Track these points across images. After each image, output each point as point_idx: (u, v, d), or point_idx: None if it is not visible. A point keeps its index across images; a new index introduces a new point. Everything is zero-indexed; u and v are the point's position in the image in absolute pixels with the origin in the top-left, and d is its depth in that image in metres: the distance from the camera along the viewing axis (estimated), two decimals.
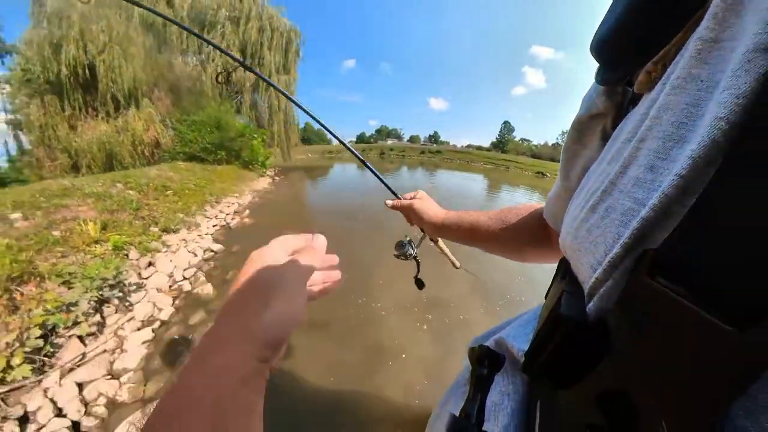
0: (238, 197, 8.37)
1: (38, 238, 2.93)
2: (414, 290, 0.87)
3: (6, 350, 1.85)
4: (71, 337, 2.17)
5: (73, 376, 1.91)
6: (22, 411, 1.66)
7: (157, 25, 11.99)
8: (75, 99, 10.05)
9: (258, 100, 15.56)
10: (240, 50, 14.31)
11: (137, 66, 10.70)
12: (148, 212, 4.93)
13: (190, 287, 3.14)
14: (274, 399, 1.78)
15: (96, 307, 2.53)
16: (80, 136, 9.57)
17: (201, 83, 13.12)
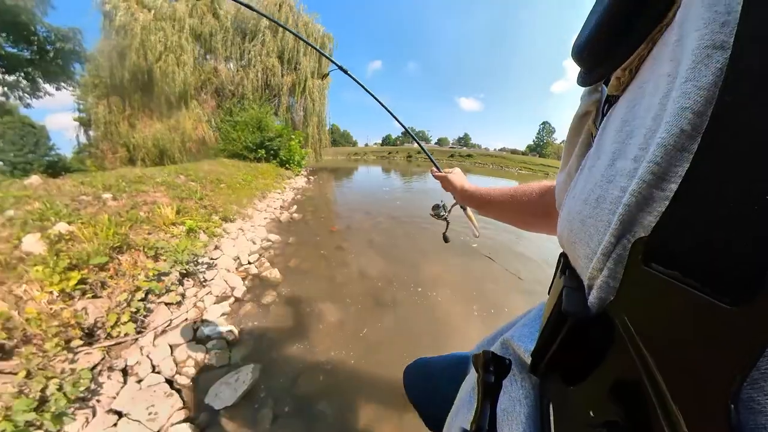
0: (280, 193, 8.79)
1: (129, 216, 3.24)
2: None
3: (117, 308, 2.11)
4: (160, 304, 2.42)
5: (164, 339, 2.10)
6: (123, 364, 1.87)
7: (205, 35, 13.25)
8: (135, 100, 11.39)
9: (294, 103, 16.23)
10: (278, 56, 15.20)
11: (188, 71, 11.90)
12: (209, 202, 5.23)
13: (257, 270, 3.36)
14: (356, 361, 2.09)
15: (180, 279, 2.79)
16: (138, 133, 10.84)
17: (243, 87, 13.92)
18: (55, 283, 2.00)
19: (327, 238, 4.83)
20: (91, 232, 2.65)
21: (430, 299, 2.93)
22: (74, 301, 2.08)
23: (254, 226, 5.08)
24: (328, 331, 2.42)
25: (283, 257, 3.87)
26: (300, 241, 4.59)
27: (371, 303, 2.80)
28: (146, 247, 2.81)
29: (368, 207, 7.63)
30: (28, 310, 1.81)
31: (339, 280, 3.29)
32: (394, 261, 3.82)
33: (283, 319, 2.64)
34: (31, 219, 2.68)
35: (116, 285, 2.25)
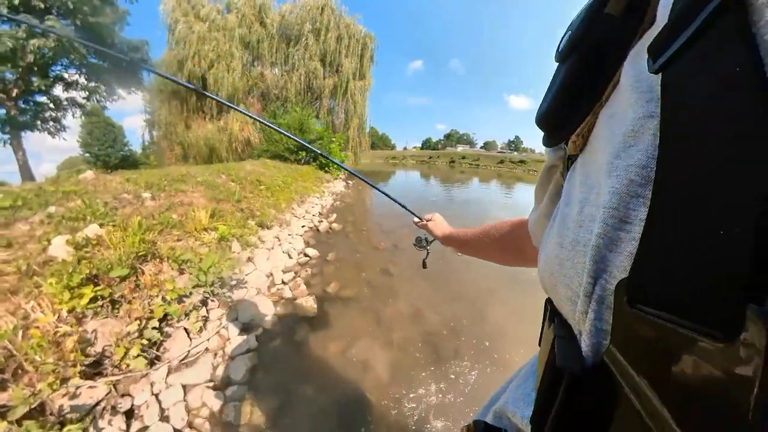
0: (319, 198, 8.83)
1: (161, 219, 3.21)
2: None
3: (126, 339, 1.86)
4: (179, 328, 2.20)
5: (179, 376, 1.90)
6: (130, 404, 1.67)
7: (252, 43, 14.32)
8: (190, 104, 12.82)
9: (335, 105, 16.58)
10: (320, 59, 15.66)
11: (236, 77, 13.09)
12: (247, 205, 5.15)
13: (291, 294, 3.11)
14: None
15: (203, 300, 2.57)
16: (192, 133, 12.13)
17: (286, 90, 14.66)
18: (65, 301, 1.78)
19: (371, 257, 4.42)
20: (119, 238, 2.51)
21: (502, 362, 2.38)
22: (86, 320, 1.85)
23: (291, 235, 4.91)
24: (373, 388, 2.01)
25: (321, 278, 3.59)
26: (340, 257, 4.28)
27: (428, 355, 2.37)
28: (171, 258, 2.67)
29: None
30: (33, 332, 1.56)
31: (386, 316, 2.86)
32: (453, 297, 3.25)
33: (317, 365, 2.20)
34: (68, 218, 2.63)
35: (131, 308, 2.00)
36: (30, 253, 2.13)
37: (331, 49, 15.61)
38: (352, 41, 16.18)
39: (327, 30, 15.44)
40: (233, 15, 13.83)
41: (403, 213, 1.07)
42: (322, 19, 15.37)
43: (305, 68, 15.06)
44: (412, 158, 54.13)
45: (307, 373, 2.12)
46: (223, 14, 13.74)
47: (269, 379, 2.03)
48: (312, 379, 2.06)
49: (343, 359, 2.25)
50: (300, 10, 15.23)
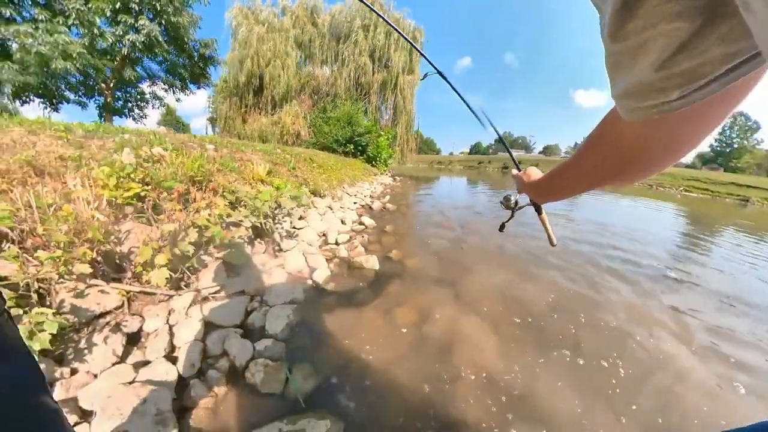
0: (369, 185, 8.84)
1: (222, 161, 3.29)
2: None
3: (157, 242, 1.60)
4: (218, 261, 1.95)
5: (204, 309, 1.58)
6: (137, 327, 1.37)
7: (305, 42, 15.39)
8: (248, 100, 14.10)
9: (383, 102, 16.73)
10: (369, 55, 16.03)
11: (290, 74, 14.03)
12: (300, 174, 5.23)
13: (347, 254, 2.91)
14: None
15: (250, 238, 2.43)
16: (248, 126, 13.31)
17: (336, 86, 15.31)
18: (110, 187, 1.56)
19: (435, 233, 4.09)
20: (180, 161, 2.42)
21: (645, 350, 1.74)
22: (124, 220, 1.64)
23: (344, 208, 4.88)
24: (463, 374, 1.45)
25: (381, 246, 3.36)
26: (400, 231, 4.04)
27: (536, 340, 1.77)
28: (227, 189, 2.57)
29: (467, 218, 6.34)
30: (65, 207, 1.32)
31: (466, 290, 2.34)
32: (547, 279, 2.66)
33: (380, 336, 1.68)
34: (138, 142, 2.64)
35: (171, 213, 1.74)
36: (94, 152, 2.04)
37: (380, 44, 15.88)
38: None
39: (376, 25, 15.80)
40: (288, 17, 15.12)
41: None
42: (371, 15, 15.91)
43: (354, 64, 15.53)
44: (459, 163, 51.82)
45: (365, 344, 1.60)
46: (279, 17, 15.10)
47: (313, 341, 1.63)
48: (372, 351, 1.55)
49: (416, 332, 1.75)
50: (349, 8, 15.94)
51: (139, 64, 9.43)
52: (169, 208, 1.74)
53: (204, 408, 1.10)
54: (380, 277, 2.44)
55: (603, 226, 5.15)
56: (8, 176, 1.38)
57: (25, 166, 1.50)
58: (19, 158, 1.51)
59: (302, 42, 15.31)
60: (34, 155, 1.62)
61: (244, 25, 13.62)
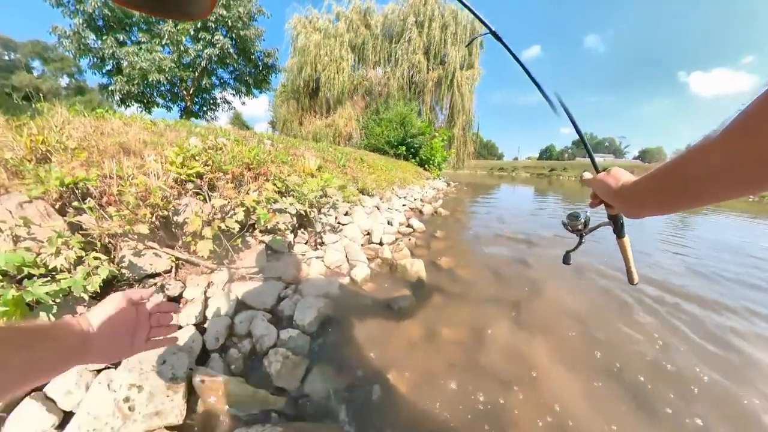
0: (420, 188, 8.75)
1: (276, 154, 3.65)
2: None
3: (207, 215, 1.81)
4: (261, 244, 2.12)
5: (238, 289, 1.70)
6: (179, 292, 1.55)
7: (358, 45, 16.34)
8: (304, 103, 15.58)
9: (438, 101, 16.67)
10: (424, 52, 16.17)
11: (345, 77, 15.05)
12: (350, 172, 5.42)
13: (391, 255, 2.86)
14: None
15: (294, 226, 2.58)
16: (304, 129, 14.64)
17: (389, 87, 15.85)
18: (177, 164, 1.83)
19: (494, 243, 3.73)
20: (238, 150, 2.71)
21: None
22: (184, 195, 1.87)
23: (391, 209, 4.95)
24: (547, 407, 1.23)
25: (429, 252, 3.25)
26: (452, 237, 3.88)
27: (626, 391, 1.37)
28: (277, 177, 2.77)
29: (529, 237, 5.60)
30: (138, 177, 1.57)
31: (529, 314, 1.99)
32: (654, 326, 1.95)
33: (419, 350, 1.53)
34: (204, 133, 3.12)
35: (223, 190, 1.97)
36: (170, 139, 2.43)
37: (436, 39, 15.92)
38: (459, 28, 16.05)
39: (431, 20, 15.93)
40: (342, 22, 16.30)
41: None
42: (425, 11, 16.02)
43: (408, 62, 15.88)
44: (525, 170, 47.73)
45: (399, 357, 1.46)
46: (334, 23, 16.39)
47: (340, 342, 1.57)
48: (405, 368, 1.40)
49: (463, 354, 1.54)
50: (402, 6, 16.42)
51: (214, 74, 11.30)
52: (221, 186, 1.96)
53: (215, 385, 1.13)
54: (425, 284, 2.31)
55: (733, 250, 4.05)
56: (104, 153, 1.68)
57: (117, 146, 1.82)
58: (113, 140, 1.84)
59: (356, 45, 16.36)
60: (126, 140, 1.96)
61: (302, 33, 15.20)
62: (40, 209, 1.21)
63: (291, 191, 2.70)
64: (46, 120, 1.75)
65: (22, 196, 1.20)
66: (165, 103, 11.00)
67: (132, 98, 10.02)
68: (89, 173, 1.42)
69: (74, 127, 1.87)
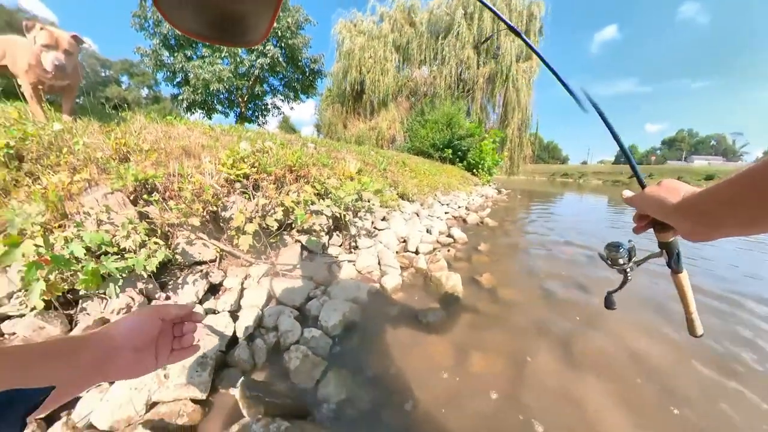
0: (466, 195, 8.54)
1: (318, 157, 3.88)
2: None
3: (250, 213, 2.02)
4: (296, 243, 2.30)
5: (272, 283, 1.89)
6: (219, 280, 1.76)
7: (403, 45, 16.67)
8: (349, 107, 16.42)
9: (489, 98, 16.19)
10: (474, 47, 15.74)
11: (389, 78, 15.53)
12: (391, 176, 5.52)
13: (426, 265, 2.88)
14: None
15: (329, 228, 2.71)
16: (348, 132, 15.47)
17: (435, 86, 15.89)
18: (228, 165, 2.11)
19: (548, 262, 3.40)
20: (282, 153, 2.99)
21: None
22: (232, 193, 2.13)
23: (432, 217, 4.97)
24: None
25: (469, 266, 3.14)
26: (497, 252, 3.72)
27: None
28: (317, 180, 2.95)
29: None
30: (195, 176, 1.87)
31: (592, 352, 1.77)
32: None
33: (453, 370, 1.48)
34: (253, 137, 3.53)
35: (266, 190, 2.20)
36: (224, 143, 2.82)
37: (487, 31, 15.44)
38: (514, 14, 15.33)
39: (482, 11, 15.43)
40: (386, 22, 16.86)
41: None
42: (474, 1, 15.71)
43: (456, 59, 15.71)
44: (596, 176, 42.79)
45: (422, 377, 1.41)
46: (378, 24, 17.04)
47: (362, 349, 1.58)
48: (428, 390, 1.35)
49: (499, 385, 1.42)
50: None
51: (266, 82, 12.64)
52: (265, 187, 2.20)
53: (236, 372, 1.28)
54: (461, 301, 2.23)
55: None
56: (170, 154, 2.01)
57: (180, 149, 2.15)
58: (178, 143, 2.18)
59: (400, 45, 16.81)
60: (187, 143, 2.32)
61: (347, 37, 16.09)
62: (119, 200, 1.53)
63: (329, 194, 2.87)
64: (128, 126, 2.17)
65: (107, 189, 1.53)
66: (223, 110, 12.68)
67: (196, 106, 11.75)
68: (157, 171, 1.72)
69: (149, 131, 2.27)
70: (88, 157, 1.60)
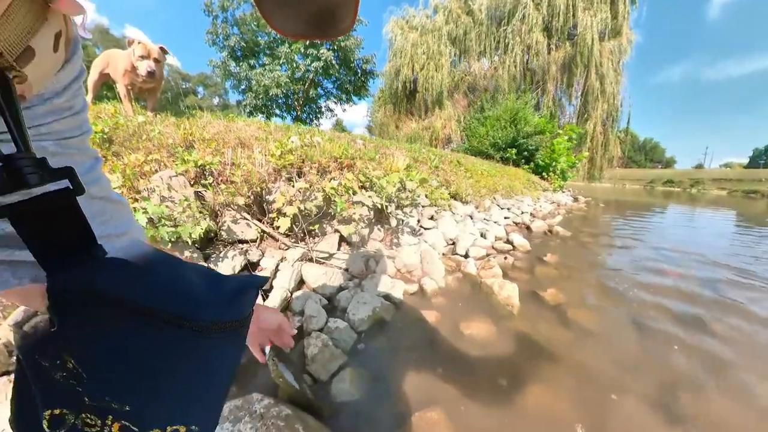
0: (532, 201, 8.03)
1: (365, 151, 4.08)
2: None
3: (291, 196, 2.22)
4: (335, 233, 2.43)
5: (304, 269, 2.03)
6: (257, 258, 1.97)
7: (459, 36, 16.49)
8: (401, 106, 16.84)
9: (565, 89, 14.99)
10: (543, 28, 14.72)
11: (444, 74, 15.47)
12: (443, 175, 5.47)
13: (476, 271, 2.78)
14: None
15: (370, 221, 2.80)
16: (400, 132, 15.84)
17: (496, 78, 15.40)
18: (276, 156, 2.39)
19: (640, 284, 2.90)
20: (330, 147, 3.23)
21: None
22: (278, 180, 2.40)
23: (489, 221, 4.88)
24: None
25: (531, 278, 2.94)
26: (568, 265, 3.43)
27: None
28: (361, 172, 3.10)
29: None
30: (246, 164, 2.19)
31: (707, 405, 1.44)
32: None
33: (498, 407, 1.30)
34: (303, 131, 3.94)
35: (306, 175, 2.45)
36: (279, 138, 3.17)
37: (561, 8, 14.27)
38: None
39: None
40: (440, 14, 16.91)
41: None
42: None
43: (522, 45, 14.95)
44: (717, 184, 34.45)
45: (453, 397, 1.31)
46: (431, 18, 17.19)
47: (388, 352, 1.55)
48: (458, 415, 1.24)
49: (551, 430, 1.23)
50: None
51: (320, 85, 13.82)
52: (306, 172, 2.44)
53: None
54: (516, 317, 2.04)
55: None
56: (227, 144, 2.34)
57: (237, 140, 2.48)
58: (234, 135, 2.53)
59: (456, 37, 16.71)
60: (243, 136, 2.66)
61: (399, 35, 16.60)
62: (181, 181, 1.84)
63: (373, 186, 2.99)
64: (195, 121, 2.59)
65: (172, 172, 1.86)
66: (281, 113, 14.32)
67: (258, 110, 13.43)
68: (214, 159, 2.02)
69: (213, 126, 2.66)
70: (161, 143, 1.99)
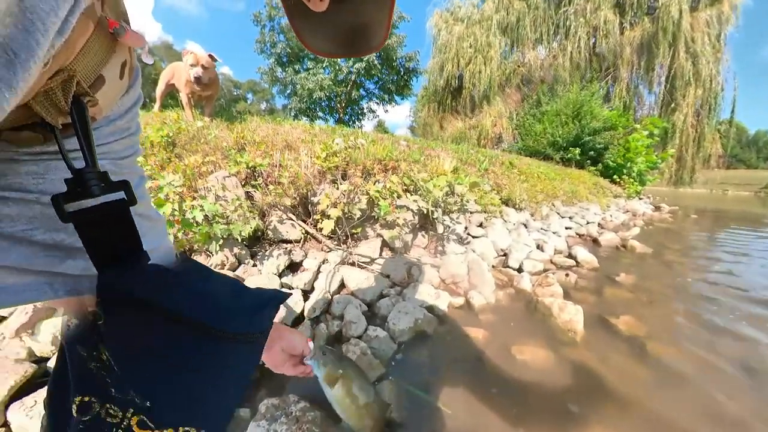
0: (600, 209, 7.43)
1: (409, 153, 4.20)
2: None
3: (336, 199, 2.35)
4: (378, 238, 2.49)
5: (346, 273, 2.10)
6: (300, 259, 2.12)
7: (511, 25, 15.74)
8: (446, 104, 16.76)
9: (644, 74, 13.63)
10: (614, 5, 13.47)
11: (493, 67, 15.08)
12: (493, 178, 5.32)
13: (531, 288, 2.68)
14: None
15: (414, 226, 2.82)
16: (444, 132, 15.82)
17: (555, 68, 14.62)
18: (321, 158, 2.56)
19: (748, 320, 2.38)
20: (374, 149, 3.33)
21: None
22: (323, 183, 2.57)
23: (547, 231, 4.70)
24: None
25: (598, 300, 2.73)
26: (647, 288, 3.09)
27: None
28: (406, 174, 3.15)
29: None
30: (293, 166, 2.38)
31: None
32: None
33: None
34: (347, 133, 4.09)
35: (351, 177, 2.59)
36: (321, 139, 3.39)
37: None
38: None
39: None
40: (489, 2, 16.37)
41: None
42: None
43: (587, 27, 13.90)
44: None
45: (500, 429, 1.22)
46: (479, 7, 16.81)
47: (428, 368, 1.52)
48: None
49: None
50: None
51: (362, 87, 14.50)
52: (351, 175, 2.56)
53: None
54: (578, 344, 1.89)
55: None
56: (275, 147, 2.55)
57: (284, 142, 2.68)
58: (281, 138, 2.73)
59: (507, 25, 16.04)
60: (290, 138, 2.87)
61: (443, 29, 16.53)
62: (233, 182, 2.05)
63: (418, 190, 3.02)
64: (247, 124, 2.85)
65: (226, 172, 2.09)
66: (324, 116, 15.24)
67: (302, 113, 14.43)
68: (263, 161, 2.21)
69: (261, 129, 2.91)
70: (216, 146, 2.23)
